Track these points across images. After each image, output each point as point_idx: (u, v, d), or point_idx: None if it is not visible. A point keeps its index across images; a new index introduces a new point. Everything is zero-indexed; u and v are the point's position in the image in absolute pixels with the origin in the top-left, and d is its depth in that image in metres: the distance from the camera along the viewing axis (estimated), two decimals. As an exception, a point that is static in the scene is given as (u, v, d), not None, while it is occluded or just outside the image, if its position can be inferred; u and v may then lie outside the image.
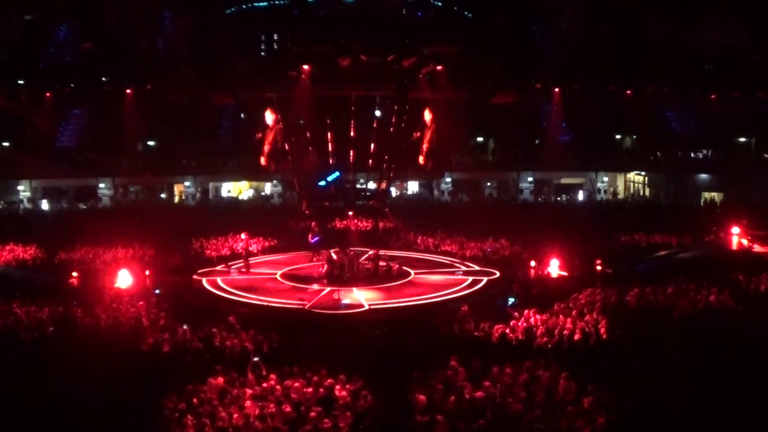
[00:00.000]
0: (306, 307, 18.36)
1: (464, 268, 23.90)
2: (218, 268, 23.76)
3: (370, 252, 23.38)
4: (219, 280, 21.78)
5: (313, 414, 9.96)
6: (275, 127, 30.97)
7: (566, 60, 40.62)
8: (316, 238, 25.09)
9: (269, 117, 31.17)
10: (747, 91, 35.44)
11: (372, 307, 18.47)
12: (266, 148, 29.55)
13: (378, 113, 35.09)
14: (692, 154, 39.93)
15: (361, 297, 19.41)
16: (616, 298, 16.61)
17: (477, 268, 23.82)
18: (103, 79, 35.99)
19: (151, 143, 42.85)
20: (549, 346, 13.78)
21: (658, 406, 10.32)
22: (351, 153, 34.89)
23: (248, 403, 10.47)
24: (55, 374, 11.92)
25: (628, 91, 36.83)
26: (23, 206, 37.78)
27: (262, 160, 31.48)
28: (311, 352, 13.35)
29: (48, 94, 35.96)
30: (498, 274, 22.53)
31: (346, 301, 18.93)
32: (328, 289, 20.17)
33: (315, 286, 20.59)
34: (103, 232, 26.82)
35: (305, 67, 30.76)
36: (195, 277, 22.19)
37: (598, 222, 30.57)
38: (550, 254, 21.87)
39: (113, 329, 15.02)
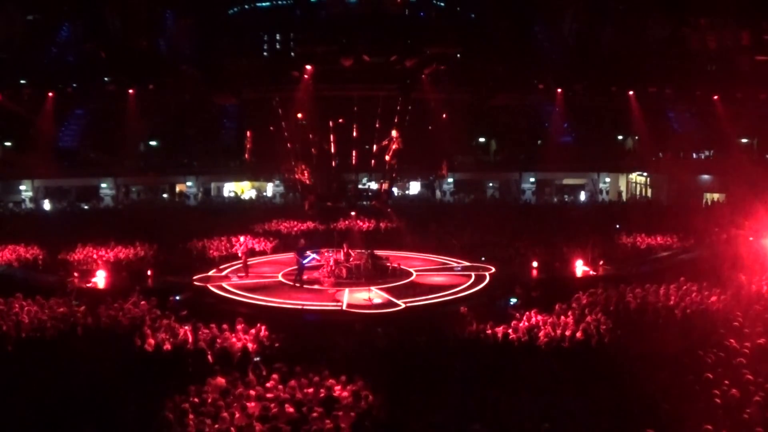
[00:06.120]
0: (343, 307, 18.35)
1: (459, 267, 24.17)
2: (211, 273, 23.08)
3: (366, 251, 23.27)
4: (224, 284, 21.28)
5: (314, 414, 9.95)
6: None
7: (568, 60, 40.58)
8: (309, 257, 22.39)
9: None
10: (749, 92, 35.33)
11: (408, 305, 18.48)
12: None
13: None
14: (694, 155, 39.88)
15: (384, 296, 19.42)
16: (617, 299, 16.58)
17: (469, 264, 24.30)
18: (106, 79, 35.91)
19: (153, 143, 42.91)
20: (551, 346, 13.77)
21: (659, 406, 10.29)
22: (353, 153, 34.86)
23: (251, 404, 10.46)
24: (57, 373, 11.92)
25: (630, 92, 36.74)
26: (25, 206, 37.85)
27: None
28: (314, 353, 13.31)
29: (50, 94, 35.89)
30: (493, 269, 23.02)
31: (377, 300, 18.92)
32: (347, 289, 20.10)
33: (317, 287, 20.52)
34: (104, 231, 26.86)
35: (308, 67, 30.74)
36: (196, 282, 21.61)
37: (601, 223, 30.59)
38: (574, 255, 22.62)
39: (114, 329, 15.01)
